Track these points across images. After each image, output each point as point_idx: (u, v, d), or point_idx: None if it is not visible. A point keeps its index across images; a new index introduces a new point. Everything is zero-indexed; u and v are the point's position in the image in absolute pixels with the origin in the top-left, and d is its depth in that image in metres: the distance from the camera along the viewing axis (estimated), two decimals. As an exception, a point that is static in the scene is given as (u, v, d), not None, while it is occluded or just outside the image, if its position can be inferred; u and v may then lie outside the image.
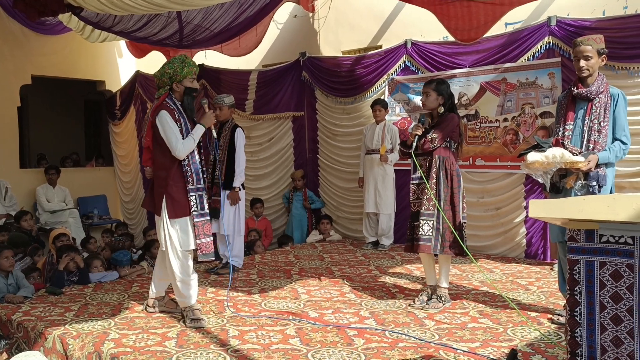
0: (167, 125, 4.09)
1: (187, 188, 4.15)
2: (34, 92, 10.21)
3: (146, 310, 4.50)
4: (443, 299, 4.57)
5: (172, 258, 4.19)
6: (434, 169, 4.47)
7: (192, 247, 4.20)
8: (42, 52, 9.44)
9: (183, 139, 4.12)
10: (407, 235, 4.69)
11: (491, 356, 3.47)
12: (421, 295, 4.67)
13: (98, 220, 9.64)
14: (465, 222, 4.56)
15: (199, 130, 4.22)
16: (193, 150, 4.19)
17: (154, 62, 9.67)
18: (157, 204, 4.20)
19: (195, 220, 4.16)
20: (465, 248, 4.32)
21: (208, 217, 4.24)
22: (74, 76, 10.04)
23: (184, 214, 4.15)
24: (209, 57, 9.09)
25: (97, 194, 10.11)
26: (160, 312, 4.49)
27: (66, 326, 4.14)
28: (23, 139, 9.94)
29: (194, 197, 4.16)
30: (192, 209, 4.15)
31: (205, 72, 8.84)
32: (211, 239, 4.25)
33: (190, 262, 4.25)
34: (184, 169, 4.15)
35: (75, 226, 8.72)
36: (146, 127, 4.30)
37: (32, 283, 5.30)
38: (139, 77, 9.68)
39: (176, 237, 4.16)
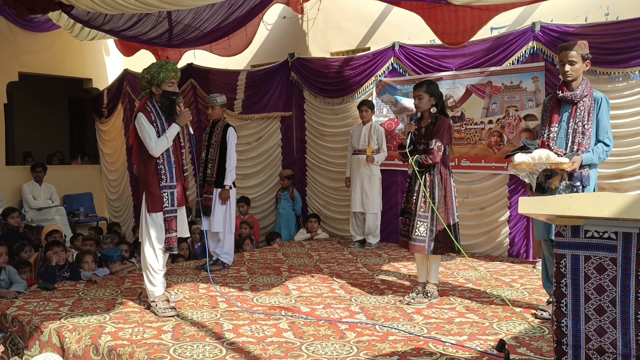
0: (142, 126, 4.40)
1: (160, 185, 4.42)
2: (19, 89, 10.17)
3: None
4: (429, 294, 4.71)
5: (147, 248, 4.46)
6: (429, 173, 4.61)
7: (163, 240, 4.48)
8: (30, 49, 9.40)
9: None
10: (401, 230, 4.82)
11: (478, 348, 3.60)
12: (412, 292, 4.80)
13: (84, 218, 9.65)
14: (458, 222, 4.72)
15: (172, 129, 4.49)
16: (169, 150, 4.47)
17: (142, 60, 9.67)
18: (140, 198, 4.51)
19: (166, 215, 4.44)
20: (459, 247, 4.50)
21: (176, 214, 4.49)
22: (61, 74, 10.03)
23: (158, 209, 4.43)
24: (198, 57, 9.13)
25: (83, 191, 10.10)
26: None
27: (62, 320, 4.20)
28: (8, 136, 9.89)
29: (166, 193, 4.43)
30: (164, 205, 4.43)
31: (194, 71, 8.90)
32: (176, 234, 4.52)
33: (161, 256, 4.50)
34: (159, 167, 4.43)
35: (62, 224, 8.69)
36: (131, 127, 4.59)
37: (25, 279, 5.34)
38: (127, 76, 9.70)
39: (153, 230, 4.43)
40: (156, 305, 4.41)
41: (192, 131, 4.69)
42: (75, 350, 3.84)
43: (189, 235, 4.76)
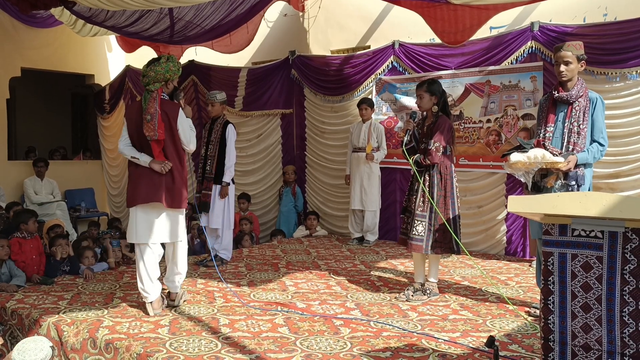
0: (187, 119, 4.33)
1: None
2: (21, 84, 10.24)
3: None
4: (428, 292, 4.75)
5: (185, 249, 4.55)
6: (428, 173, 4.64)
7: None
8: (32, 45, 9.46)
9: None
10: (401, 228, 4.88)
11: (470, 345, 3.65)
12: (407, 289, 4.83)
13: (85, 213, 9.70)
14: (460, 222, 4.76)
15: (190, 123, 4.46)
16: None
17: (143, 57, 9.71)
18: (177, 197, 4.32)
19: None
20: (462, 247, 4.52)
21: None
22: (64, 69, 10.08)
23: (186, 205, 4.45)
24: (199, 53, 9.18)
25: (84, 187, 10.17)
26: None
27: (60, 314, 4.26)
28: (11, 131, 9.96)
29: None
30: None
31: (195, 68, 8.94)
32: None
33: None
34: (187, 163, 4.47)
35: (63, 219, 8.76)
36: (155, 120, 4.16)
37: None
38: (129, 72, 9.75)
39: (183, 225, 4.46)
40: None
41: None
42: (73, 344, 3.90)
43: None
